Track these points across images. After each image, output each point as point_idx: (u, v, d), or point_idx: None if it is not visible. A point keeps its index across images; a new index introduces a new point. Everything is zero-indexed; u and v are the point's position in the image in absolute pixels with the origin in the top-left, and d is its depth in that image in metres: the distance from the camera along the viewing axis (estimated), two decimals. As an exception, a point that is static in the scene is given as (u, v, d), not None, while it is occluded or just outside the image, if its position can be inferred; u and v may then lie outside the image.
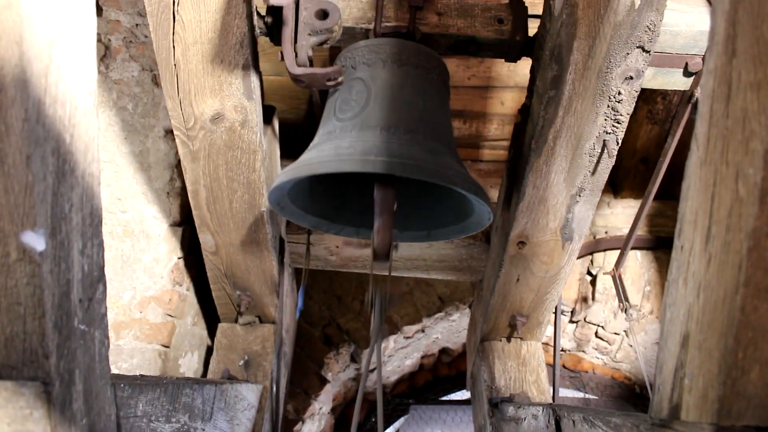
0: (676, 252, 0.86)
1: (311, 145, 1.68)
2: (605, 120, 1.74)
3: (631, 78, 1.66)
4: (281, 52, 1.65)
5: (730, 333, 0.72)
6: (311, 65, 1.68)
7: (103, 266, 0.93)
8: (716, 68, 0.78)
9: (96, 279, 0.90)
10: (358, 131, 1.56)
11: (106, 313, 0.95)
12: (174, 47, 1.68)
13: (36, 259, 0.75)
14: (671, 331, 0.87)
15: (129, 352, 2.53)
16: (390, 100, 1.61)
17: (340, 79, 1.65)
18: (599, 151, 1.80)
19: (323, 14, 1.68)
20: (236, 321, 2.56)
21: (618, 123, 1.75)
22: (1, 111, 0.71)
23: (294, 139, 2.72)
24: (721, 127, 0.76)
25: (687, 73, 2.17)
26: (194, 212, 2.11)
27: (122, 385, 1.07)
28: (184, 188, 2.59)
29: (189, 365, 2.77)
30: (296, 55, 1.64)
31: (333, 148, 1.53)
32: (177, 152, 2.42)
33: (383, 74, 1.66)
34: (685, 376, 0.81)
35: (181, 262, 2.68)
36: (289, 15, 1.64)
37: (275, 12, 1.69)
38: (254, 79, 1.79)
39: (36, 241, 0.74)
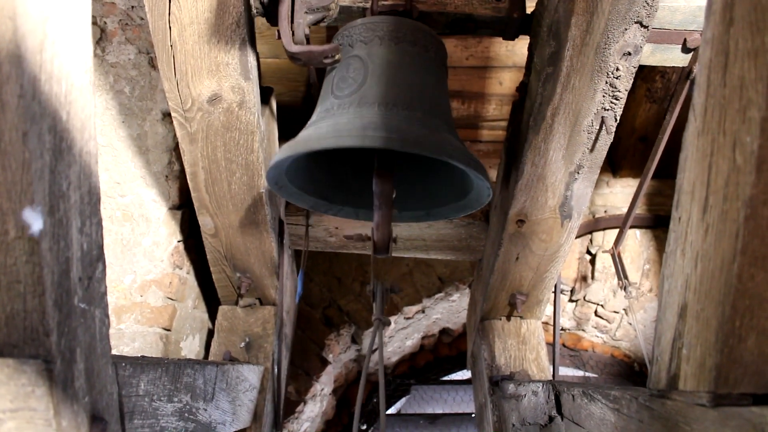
0: (674, 223, 0.86)
1: (309, 123, 1.68)
2: (603, 96, 1.73)
3: (629, 54, 1.65)
4: (278, 31, 1.65)
5: (727, 301, 0.73)
6: (308, 44, 1.67)
7: (102, 245, 0.93)
8: (714, 37, 0.78)
9: (95, 258, 0.91)
10: (356, 108, 1.56)
11: (106, 292, 0.95)
12: (170, 28, 1.67)
13: (35, 236, 0.75)
14: (669, 302, 0.87)
15: (130, 336, 2.54)
16: (387, 77, 1.61)
17: (337, 57, 1.65)
18: (597, 127, 1.80)
19: None
20: (237, 303, 2.56)
21: (616, 99, 1.75)
22: (-3, 87, 0.71)
23: (292, 121, 2.71)
24: (718, 96, 0.76)
25: (685, 50, 2.16)
26: (193, 195, 2.11)
27: (124, 364, 1.07)
28: (182, 171, 2.59)
29: (190, 348, 2.78)
30: (293, 33, 1.64)
31: (331, 125, 1.53)
32: (175, 135, 2.41)
33: (380, 52, 1.66)
34: (683, 346, 0.82)
35: (181, 246, 2.68)
36: None
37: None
38: (251, 60, 1.78)
39: (33, 219, 0.74)
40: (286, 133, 2.38)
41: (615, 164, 3.65)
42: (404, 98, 1.58)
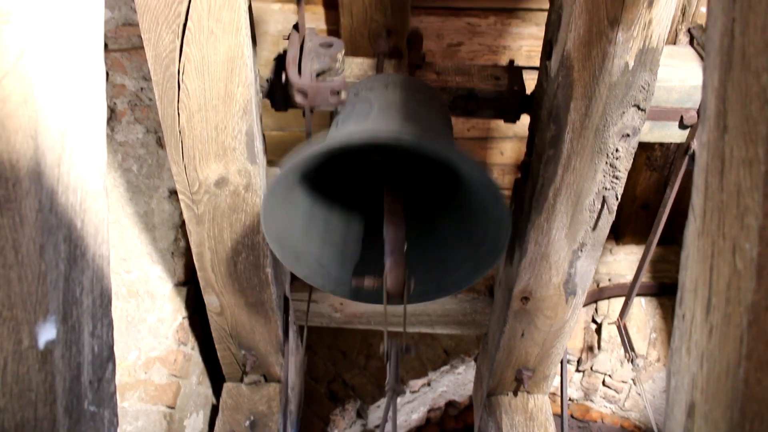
0: (678, 320, 0.87)
1: None
2: (604, 176, 1.76)
3: (628, 135, 1.69)
4: (285, 74, 1.71)
5: (735, 406, 0.73)
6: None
7: (113, 345, 0.94)
8: (709, 142, 0.80)
9: (105, 359, 0.91)
10: (361, 126, 1.53)
11: (116, 391, 0.95)
12: (179, 114, 1.71)
13: (48, 345, 0.76)
14: (677, 399, 0.87)
15: (134, 414, 2.51)
16: (393, 110, 1.59)
17: (342, 95, 1.68)
18: (599, 206, 1.82)
19: (327, 45, 1.75)
20: (241, 380, 2.55)
21: (616, 179, 1.78)
22: (16, 203, 0.73)
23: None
24: (716, 200, 0.78)
25: (682, 126, 2.21)
26: (199, 274, 2.12)
27: (130, 460, 1.07)
28: (188, 248, 2.60)
29: (194, 426, 2.75)
30: (300, 73, 1.70)
31: (332, 137, 1.50)
32: (181, 213, 2.44)
33: (386, 93, 1.66)
34: (693, 447, 0.81)
35: (186, 322, 2.68)
36: (294, 41, 1.72)
37: (280, 61, 1.75)
38: (258, 144, 1.82)
39: (47, 330, 0.75)
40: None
41: (618, 232, 3.66)
42: (410, 124, 1.54)
